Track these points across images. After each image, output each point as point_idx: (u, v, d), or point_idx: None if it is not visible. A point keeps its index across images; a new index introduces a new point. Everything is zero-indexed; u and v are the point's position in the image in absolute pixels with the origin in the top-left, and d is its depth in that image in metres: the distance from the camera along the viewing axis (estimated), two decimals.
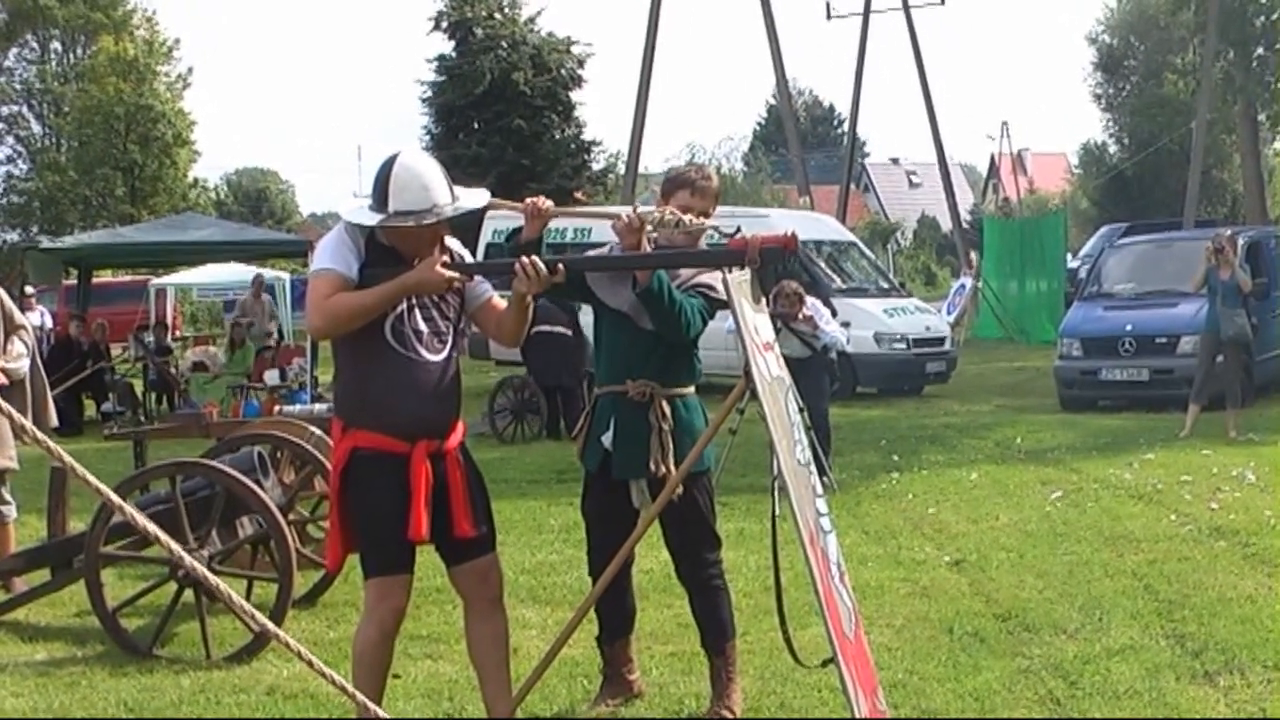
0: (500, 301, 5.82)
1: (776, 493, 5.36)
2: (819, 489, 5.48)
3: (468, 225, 26.12)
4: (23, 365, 9.51)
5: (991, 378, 25.18)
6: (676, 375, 6.33)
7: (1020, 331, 33.72)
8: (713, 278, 6.09)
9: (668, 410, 6.24)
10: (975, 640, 7.73)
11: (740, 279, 5.40)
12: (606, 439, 6.32)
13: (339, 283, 5.43)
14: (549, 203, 5.81)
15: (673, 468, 6.11)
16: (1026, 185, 78.38)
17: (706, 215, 6.18)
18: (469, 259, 5.79)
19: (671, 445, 6.18)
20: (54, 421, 10.05)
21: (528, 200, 5.81)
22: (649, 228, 5.96)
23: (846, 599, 5.34)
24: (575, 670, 7.14)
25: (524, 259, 5.51)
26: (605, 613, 6.59)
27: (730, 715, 6.40)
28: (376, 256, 5.52)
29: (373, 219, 5.46)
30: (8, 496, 9.62)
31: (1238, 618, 7.98)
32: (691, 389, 6.42)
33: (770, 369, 5.38)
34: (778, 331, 12.31)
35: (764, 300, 5.67)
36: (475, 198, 5.72)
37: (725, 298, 5.68)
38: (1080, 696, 6.69)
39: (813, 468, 5.45)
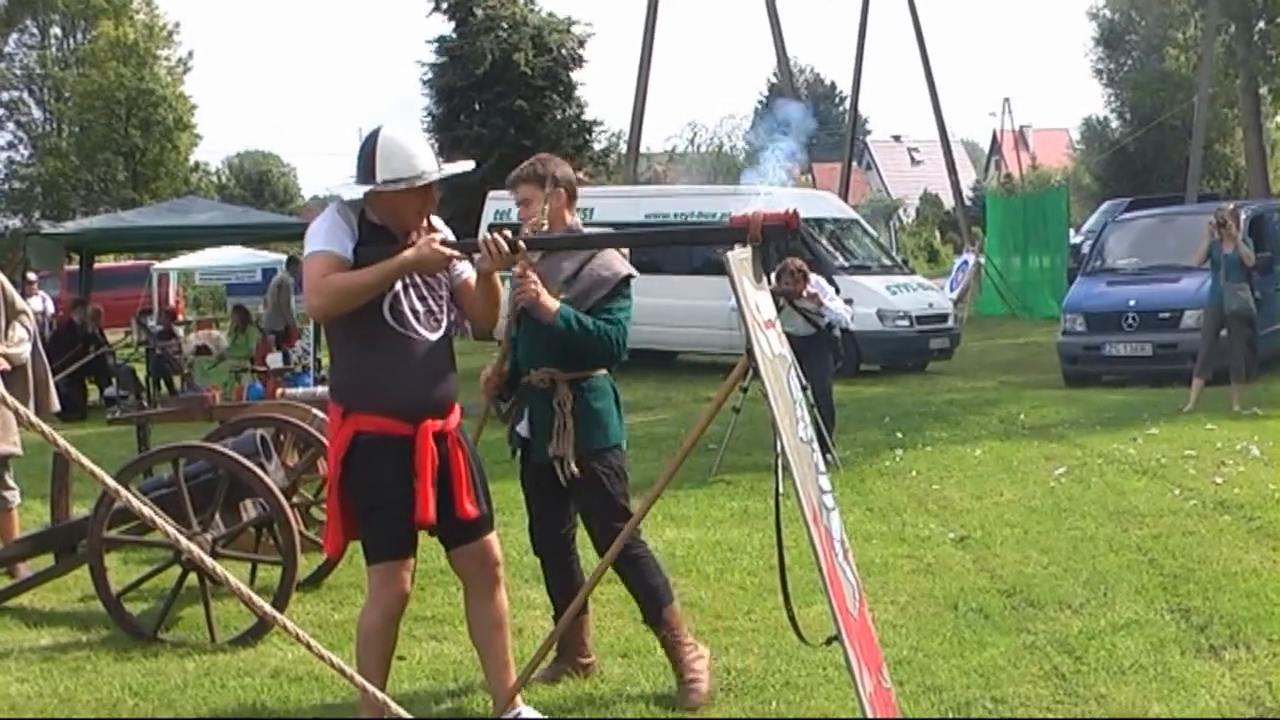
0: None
1: (779, 470, 5.35)
2: (822, 466, 5.47)
3: (470, 210, 26.17)
4: (24, 350, 9.52)
5: (995, 354, 25.17)
6: (578, 360, 6.44)
7: (1023, 307, 33.70)
8: (605, 265, 6.36)
9: (569, 395, 6.40)
10: (980, 616, 7.73)
11: (742, 256, 5.38)
12: (522, 427, 6.61)
13: (336, 263, 5.44)
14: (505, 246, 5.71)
15: (569, 451, 6.35)
16: (1029, 161, 78.25)
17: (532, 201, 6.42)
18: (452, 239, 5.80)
19: (572, 428, 6.38)
20: (56, 407, 10.06)
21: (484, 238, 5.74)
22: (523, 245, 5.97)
23: (850, 576, 5.33)
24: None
25: (488, 235, 5.60)
26: (557, 594, 6.80)
27: (697, 685, 6.45)
28: (369, 236, 5.54)
29: (361, 190, 5.48)
30: (11, 482, 9.65)
31: (1243, 591, 7.98)
32: (600, 371, 6.55)
33: (772, 346, 5.37)
34: (780, 309, 12.36)
35: (766, 278, 5.65)
36: (461, 165, 5.87)
37: (625, 273, 6.23)
38: (1085, 671, 6.69)
39: (815, 445, 5.44)
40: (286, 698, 6.82)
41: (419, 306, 5.61)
